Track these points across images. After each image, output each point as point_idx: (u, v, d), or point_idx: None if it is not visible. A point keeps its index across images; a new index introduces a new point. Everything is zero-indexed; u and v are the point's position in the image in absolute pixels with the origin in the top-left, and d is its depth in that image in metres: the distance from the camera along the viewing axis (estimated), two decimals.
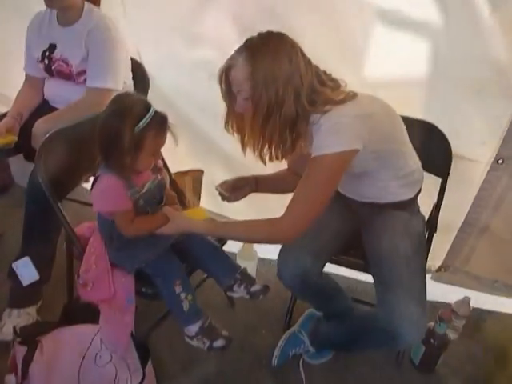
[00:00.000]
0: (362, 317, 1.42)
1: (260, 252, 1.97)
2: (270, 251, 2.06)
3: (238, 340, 1.66)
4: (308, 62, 1.14)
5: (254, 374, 1.56)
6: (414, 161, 1.38)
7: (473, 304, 1.73)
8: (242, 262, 1.83)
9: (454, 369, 1.63)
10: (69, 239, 1.36)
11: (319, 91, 1.14)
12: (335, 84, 1.18)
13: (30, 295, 1.64)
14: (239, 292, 1.34)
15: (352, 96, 1.16)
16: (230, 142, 1.29)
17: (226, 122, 1.26)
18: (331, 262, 1.44)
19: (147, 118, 1.13)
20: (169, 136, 1.21)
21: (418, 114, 1.56)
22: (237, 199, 1.44)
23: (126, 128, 1.11)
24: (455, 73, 1.57)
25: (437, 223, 1.56)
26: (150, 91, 1.99)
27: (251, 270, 1.89)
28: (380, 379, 1.57)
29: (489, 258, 1.86)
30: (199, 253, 1.37)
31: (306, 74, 1.11)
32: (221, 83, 1.18)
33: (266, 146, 1.17)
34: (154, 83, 2.03)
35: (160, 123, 1.16)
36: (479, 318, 1.85)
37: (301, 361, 1.57)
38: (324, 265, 1.38)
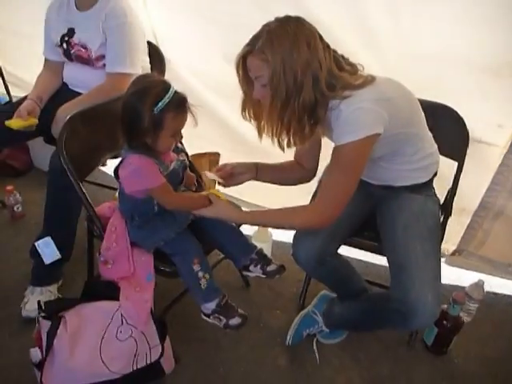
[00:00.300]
0: (376, 297, 1.44)
1: (275, 235, 2.00)
2: (285, 234, 2.11)
3: (252, 319, 1.70)
4: (326, 46, 1.14)
5: (268, 351, 1.60)
6: (431, 144, 1.38)
7: (486, 288, 1.74)
8: (256, 244, 1.87)
9: (466, 351, 1.65)
10: (90, 219, 1.39)
11: (338, 76, 1.14)
12: (353, 68, 1.18)
13: (52, 273, 1.70)
14: (255, 272, 1.37)
15: (370, 80, 1.17)
16: (246, 125, 1.30)
17: (243, 109, 1.27)
18: (345, 243, 1.46)
19: (166, 99, 1.14)
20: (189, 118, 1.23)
21: (435, 96, 1.55)
22: (233, 185, 1.43)
23: (145, 108, 1.13)
24: (472, 55, 1.55)
25: (452, 207, 1.57)
26: (166, 74, 2.01)
27: (266, 251, 1.91)
28: (392, 359, 1.59)
29: (503, 242, 1.86)
30: (216, 233, 1.40)
31: (325, 58, 1.11)
32: (238, 69, 1.18)
33: (284, 132, 1.18)
34: (170, 66, 2.05)
35: (179, 104, 1.18)
36: (493, 301, 1.86)
37: (314, 340, 1.61)
38: (339, 246, 1.41)
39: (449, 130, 1.53)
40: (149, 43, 1.97)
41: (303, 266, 1.38)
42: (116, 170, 1.27)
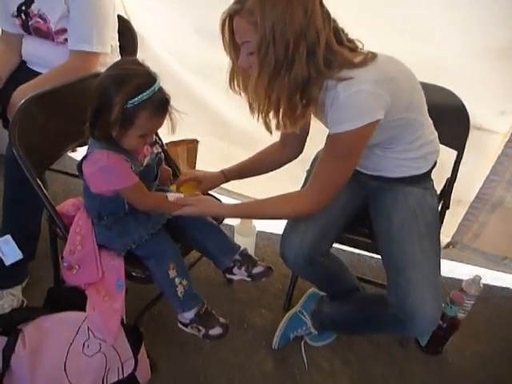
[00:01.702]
0: (370, 299, 1.33)
1: (258, 226, 1.87)
2: (269, 224, 1.99)
3: (236, 319, 1.59)
4: (327, 14, 0.98)
5: (253, 355, 1.48)
6: (431, 130, 1.26)
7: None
8: (240, 238, 1.75)
9: (460, 349, 1.58)
10: (51, 218, 1.23)
11: (336, 51, 0.99)
12: (353, 45, 1.04)
13: (14, 275, 1.53)
14: (239, 274, 1.25)
15: (371, 57, 1.02)
16: (228, 108, 1.16)
17: (231, 79, 1.12)
18: (336, 241, 1.34)
19: (145, 95, 0.98)
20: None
21: (433, 80, 1.42)
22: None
23: (118, 99, 0.97)
24: (474, 37, 1.43)
25: (450, 199, 1.46)
26: (139, 52, 1.82)
27: (250, 244, 1.80)
28: (384, 361, 1.50)
29: (499, 235, 1.78)
30: (195, 231, 1.26)
31: (324, 28, 0.96)
32: (223, 31, 1.02)
33: (272, 112, 1.03)
34: (143, 43, 1.86)
35: (159, 105, 1.02)
36: (487, 295, 1.78)
37: (302, 343, 1.50)
38: (331, 244, 1.28)
39: (448, 115, 1.41)
40: (118, 17, 1.77)
41: (291, 266, 1.26)
42: (80, 165, 1.11)
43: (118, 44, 1.73)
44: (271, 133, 1.10)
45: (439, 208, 1.41)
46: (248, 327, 1.57)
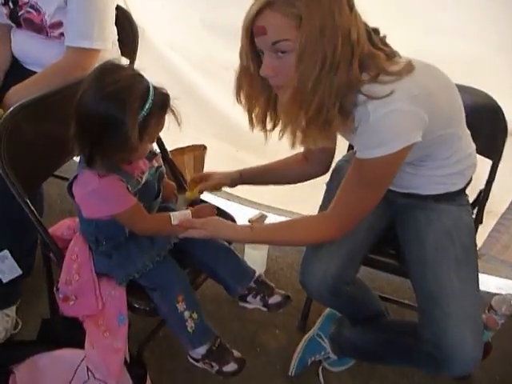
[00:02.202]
0: (400, 330, 1.19)
1: None
2: None
3: (247, 340, 1.48)
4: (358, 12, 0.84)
5: (267, 382, 1.37)
6: (469, 143, 1.12)
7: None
8: (251, 251, 1.62)
9: (488, 371, 1.46)
10: (44, 242, 1.10)
11: (372, 55, 0.85)
12: (391, 50, 0.89)
13: (10, 293, 1.40)
14: (254, 303, 1.13)
15: (409, 69, 0.87)
16: (234, 107, 1.02)
17: (238, 90, 0.96)
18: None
19: (149, 101, 0.87)
20: None
21: (464, 80, 1.27)
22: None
23: (130, 118, 0.85)
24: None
25: (483, 213, 1.33)
26: (139, 48, 1.66)
27: (262, 258, 1.67)
28: None
29: None
30: (203, 255, 1.13)
31: (363, 31, 0.82)
32: (247, 32, 0.85)
33: (303, 127, 0.88)
34: (144, 36, 1.70)
35: (161, 104, 0.90)
36: None
37: (320, 369, 1.38)
38: (357, 270, 1.15)
39: (483, 121, 1.26)
40: (117, 8, 1.61)
41: (314, 297, 1.14)
42: (70, 186, 0.98)
43: (117, 37, 1.58)
44: (294, 147, 0.96)
45: None
46: (261, 350, 1.46)
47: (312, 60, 0.80)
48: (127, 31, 1.64)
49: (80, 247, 1.07)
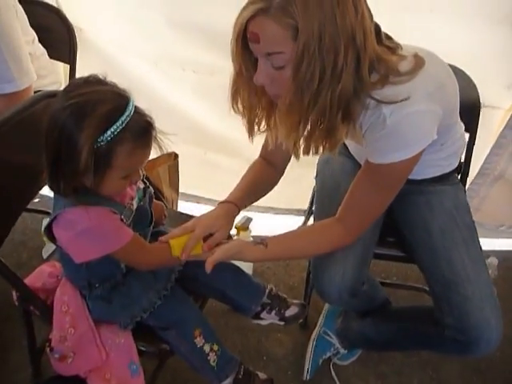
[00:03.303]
0: (414, 316, 1.17)
1: (254, 230, 1.64)
2: (264, 226, 1.76)
3: (252, 350, 1.42)
4: (368, 9, 0.76)
5: None
6: (460, 124, 1.11)
7: None
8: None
9: None
10: (22, 298, 0.93)
11: (383, 58, 0.79)
12: (392, 43, 0.84)
13: None
14: (270, 318, 1.06)
15: (420, 64, 0.82)
16: (197, 107, 0.92)
17: (234, 97, 0.87)
18: None
19: (118, 125, 0.72)
20: None
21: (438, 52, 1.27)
22: None
23: (83, 138, 0.70)
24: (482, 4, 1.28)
25: (465, 185, 1.35)
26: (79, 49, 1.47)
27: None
28: (418, 365, 1.40)
29: (498, 206, 1.74)
30: (209, 279, 1.02)
31: (370, 31, 0.75)
32: (238, 38, 0.77)
33: (304, 137, 0.82)
34: (82, 37, 1.51)
35: (139, 133, 0.75)
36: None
37: (331, 366, 1.36)
38: (369, 268, 1.12)
39: (460, 97, 1.27)
40: (46, 7, 1.41)
41: (334, 303, 1.10)
42: (48, 229, 0.83)
43: (41, 47, 1.38)
44: (299, 159, 0.89)
45: None
46: (268, 359, 1.40)
47: (309, 73, 0.73)
48: (61, 33, 1.44)
49: (69, 296, 0.92)
